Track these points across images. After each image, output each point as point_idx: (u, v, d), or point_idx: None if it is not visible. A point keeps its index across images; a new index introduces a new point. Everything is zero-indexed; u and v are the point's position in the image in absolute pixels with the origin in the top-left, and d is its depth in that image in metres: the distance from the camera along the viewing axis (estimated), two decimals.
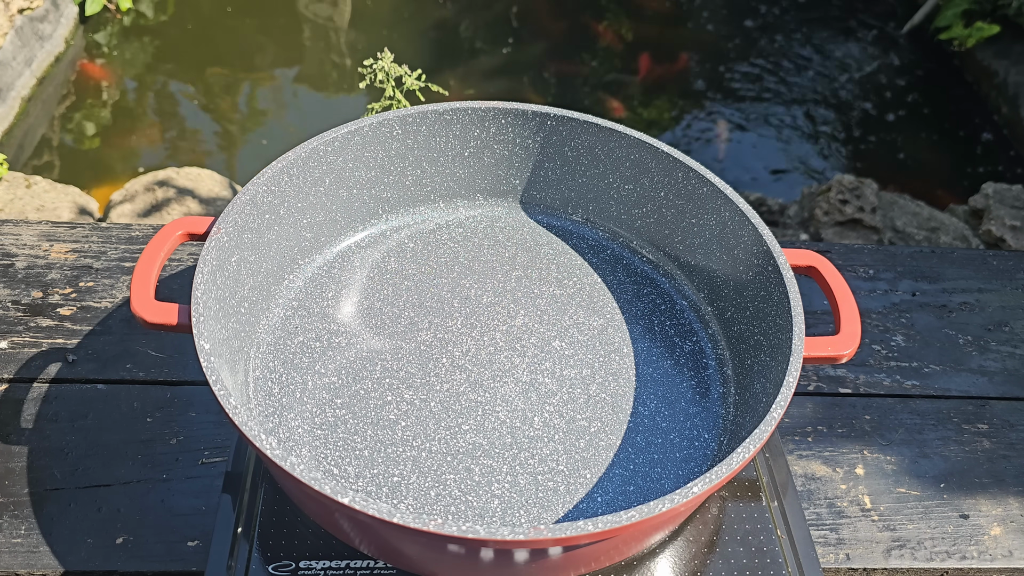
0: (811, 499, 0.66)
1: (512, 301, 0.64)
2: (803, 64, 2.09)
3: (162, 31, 1.98)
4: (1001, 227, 1.30)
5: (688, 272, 0.66)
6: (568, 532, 0.41)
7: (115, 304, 0.75)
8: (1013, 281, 0.87)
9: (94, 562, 0.58)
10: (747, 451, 0.45)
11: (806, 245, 0.91)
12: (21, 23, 1.70)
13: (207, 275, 0.52)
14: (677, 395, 0.59)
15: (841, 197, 1.37)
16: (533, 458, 0.54)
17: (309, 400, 0.56)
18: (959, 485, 0.68)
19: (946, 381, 0.76)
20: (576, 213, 0.71)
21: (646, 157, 0.65)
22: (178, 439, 0.65)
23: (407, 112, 0.64)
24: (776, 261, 0.56)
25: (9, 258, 0.78)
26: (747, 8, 2.25)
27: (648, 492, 0.53)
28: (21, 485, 0.61)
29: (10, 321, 0.72)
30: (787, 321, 0.53)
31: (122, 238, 0.81)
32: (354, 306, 0.63)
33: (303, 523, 0.53)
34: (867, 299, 0.83)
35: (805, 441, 0.70)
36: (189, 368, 0.70)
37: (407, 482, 0.52)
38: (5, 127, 1.60)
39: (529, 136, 0.67)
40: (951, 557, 0.64)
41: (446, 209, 0.71)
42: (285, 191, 0.60)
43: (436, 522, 0.40)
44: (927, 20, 2.13)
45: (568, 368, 0.60)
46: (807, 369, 0.76)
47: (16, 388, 0.68)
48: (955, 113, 1.97)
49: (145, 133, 1.74)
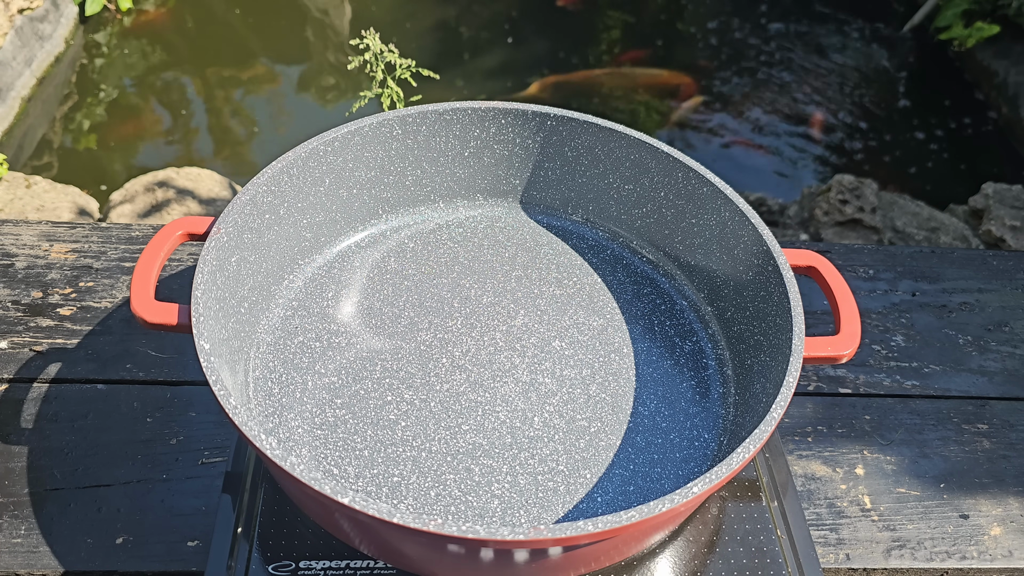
0: (811, 499, 0.66)
1: (512, 301, 0.64)
2: (803, 64, 2.08)
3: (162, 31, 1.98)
4: (1001, 227, 1.30)
5: (688, 272, 0.66)
6: (568, 532, 0.41)
7: (115, 304, 0.75)
8: (1013, 281, 0.87)
9: (94, 562, 0.58)
10: (747, 451, 0.45)
11: (806, 245, 0.91)
12: (21, 23, 1.70)
13: (207, 275, 0.52)
14: (677, 395, 0.59)
15: (841, 197, 1.37)
16: (533, 458, 0.54)
17: (309, 400, 0.56)
18: (959, 485, 0.68)
19: (946, 381, 0.76)
20: (576, 213, 0.71)
21: (646, 157, 0.65)
22: (178, 439, 0.65)
23: (407, 112, 0.64)
24: (776, 261, 0.56)
25: (9, 258, 0.78)
26: (747, 7, 2.25)
27: (648, 492, 0.53)
28: (21, 485, 0.61)
29: (10, 321, 0.72)
30: (787, 321, 0.53)
31: (122, 238, 0.81)
32: (354, 306, 0.63)
33: (303, 523, 0.53)
34: (867, 299, 0.83)
35: (805, 441, 0.70)
36: (189, 368, 0.70)
37: (407, 482, 0.52)
38: (5, 127, 1.60)
39: (529, 136, 0.67)
40: (951, 557, 0.64)
41: (446, 209, 0.71)
42: (285, 191, 0.60)
43: (436, 522, 0.40)
44: (927, 20, 2.13)
45: (568, 368, 0.60)
46: (807, 369, 0.76)
47: (16, 388, 0.68)
48: (955, 113, 1.97)
49: (145, 133, 1.74)
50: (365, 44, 0.93)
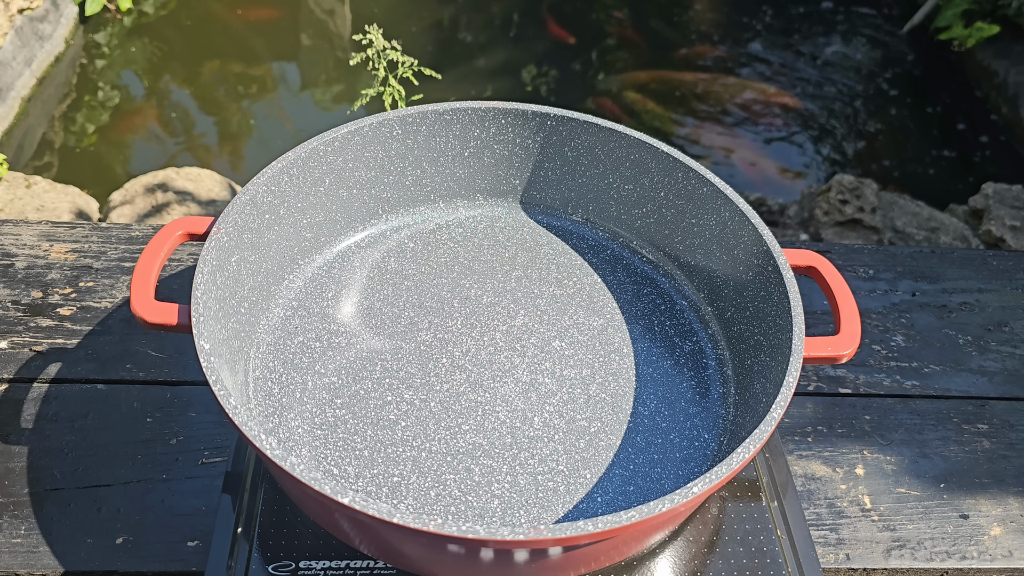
0: (811, 499, 0.66)
1: (512, 301, 0.64)
2: (803, 64, 2.08)
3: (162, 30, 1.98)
4: (1001, 227, 1.30)
5: (688, 272, 0.66)
6: (568, 532, 0.41)
7: (115, 304, 0.75)
8: (1013, 281, 0.87)
9: (94, 562, 0.58)
10: (747, 451, 0.45)
11: (806, 245, 0.91)
12: (21, 23, 1.70)
13: (207, 275, 0.52)
14: (677, 395, 0.59)
15: (841, 197, 1.37)
16: (533, 458, 0.54)
17: (309, 400, 0.56)
18: (959, 485, 0.68)
19: (946, 381, 0.76)
20: (576, 213, 0.71)
21: (646, 157, 0.65)
22: (178, 439, 0.65)
23: (407, 112, 0.64)
24: (776, 261, 0.56)
25: (9, 258, 0.78)
26: (747, 7, 2.25)
27: (648, 492, 0.53)
28: (21, 485, 0.61)
29: (10, 321, 0.72)
30: (787, 321, 0.53)
31: (122, 238, 0.81)
32: (354, 306, 0.63)
33: (303, 523, 0.53)
34: (867, 299, 0.83)
35: (805, 441, 0.70)
36: (189, 368, 0.70)
37: (407, 482, 0.52)
38: (5, 127, 1.60)
39: (529, 136, 0.67)
40: (951, 557, 0.64)
41: (446, 209, 0.71)
42: (285, 191, 0.60)
43: (436, 522, 0.40)
44: (927, 20, 2.13)
45: (568, 368, 0.60)
46: (807, 369, 0.76)
47: (16, 388, 0.68)
48: (955, 113, 1.97)
49: (145, 133, 1.74)
50: (368, 40, 0.93)
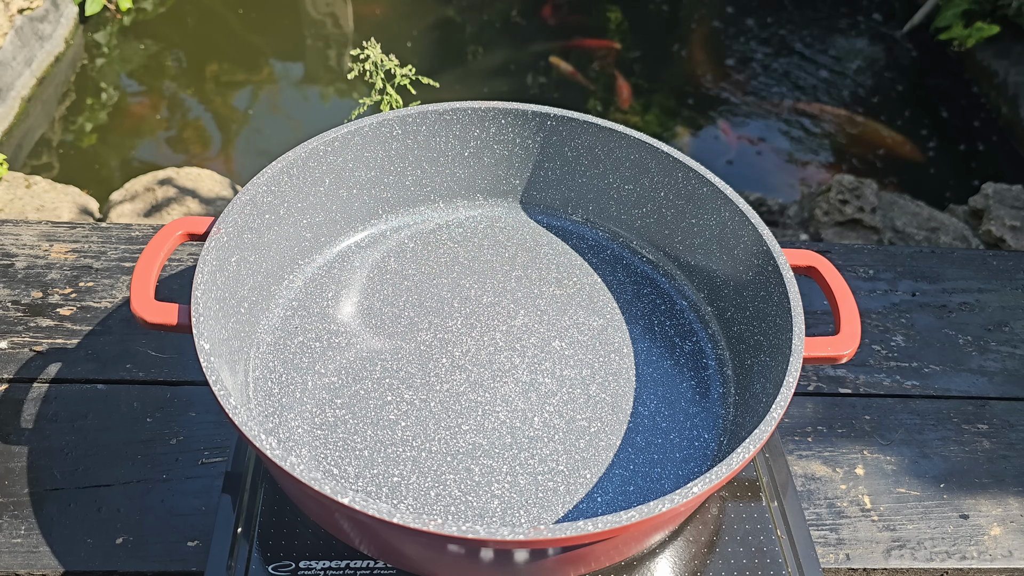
0: (811, 499, 0.66)
1: (512, 301, 0.64)
2: (803, 64, 2.08)
3: (162, 29, 1.98)
4: (1001, 227, 1.30)
5: (688, 272, 0.66)
6: (568, 532, 0.41)
7: (115, 304, 0.75)
8: (1013, 281, 0.87)
9: (94, 562, 0.58)
10: (747, 451, 0.45)
11: (806, 245, 0.91)
12: (21, 23, 1.70)
13: (207, 275, 0.52)
14: (677, 395, 0.59)
15: (841, 197, 1.37)
16: (533, 458, 0.54)
17: (309, 400, 0.56)
18: (959, 485, 0.68)
19: (946, 381, 0.76)
20: (576, 213, 0.71)
21: (646, 157, 0.65)
22: (178, 439, 0.65)
23: (407, 112, 0.64)
24: (776, 261, 0.56)
25: (9, 258, 0.78)
26: (747, 7, 2.25)
27: (648, 492, 0.53)
28: (21, 485, 0.61)
29: (10, 321, 0.72)
30: (787, 321, 0.53)
31: (122, 238, 0.81)
32: (354, 306, 0.63)
33: (303, 523, 0.53)
34: (867, 299, 0.83)
35: (805, 441, 0.70)
36: (189, 368, 0.70)
37: (407, 482, 0.52)
38: (5, 127, 1.60)
39: (529, 136, 0.67)
40: (951, 557, 0.64)
41: (446, 209, 0.71)
42: (285, 191, 0.60)
43: (436, 522, 0.40)
44: (927, 20, 2.13)
45: (568, 368, 0.60)
46: (807, 369, 0.76)
47: (16, 388, 0.68)
48: (955, 113, 1.97)
49: (145, 133, 1.74)
50: (365, 54, 0.93)
